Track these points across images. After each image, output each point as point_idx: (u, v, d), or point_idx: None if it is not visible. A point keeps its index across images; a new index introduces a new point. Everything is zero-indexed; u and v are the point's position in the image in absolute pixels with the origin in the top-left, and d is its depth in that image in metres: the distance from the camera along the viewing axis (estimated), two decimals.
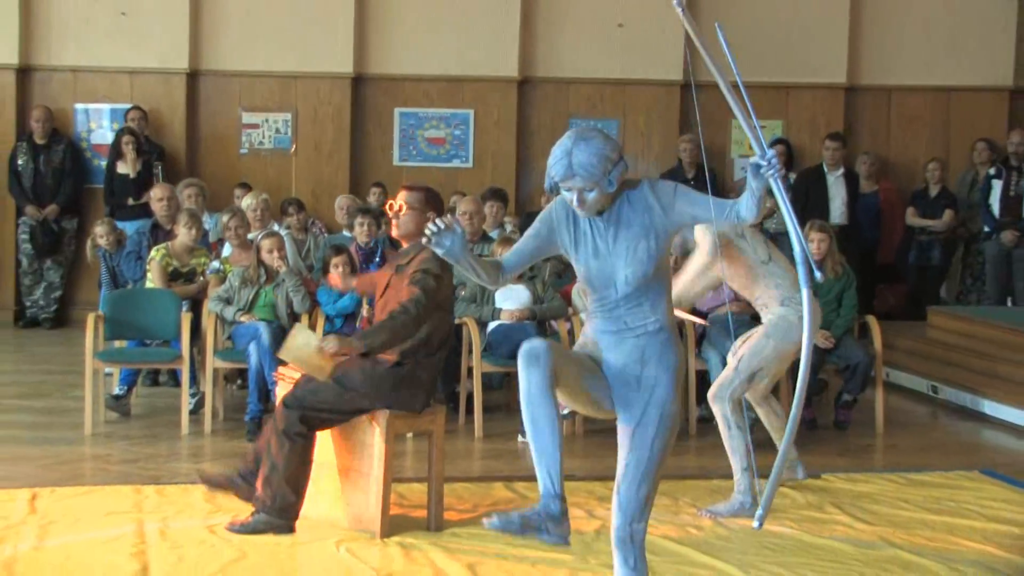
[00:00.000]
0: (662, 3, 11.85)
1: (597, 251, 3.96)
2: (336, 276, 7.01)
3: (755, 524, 4.05)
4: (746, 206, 3.82)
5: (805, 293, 3.98)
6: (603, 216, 3.97)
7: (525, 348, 3.85)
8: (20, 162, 11.86)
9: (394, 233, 5.87)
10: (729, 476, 6.23)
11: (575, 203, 3.93)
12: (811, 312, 3.99)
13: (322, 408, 5.60)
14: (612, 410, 4.06)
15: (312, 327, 7.92)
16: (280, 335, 7.78)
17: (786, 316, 6.24)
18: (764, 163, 3.74)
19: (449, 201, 9.67)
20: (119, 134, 11.80)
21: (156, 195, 9.48)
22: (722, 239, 6.25)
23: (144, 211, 11.35)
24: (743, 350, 6.29)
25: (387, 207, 5.95)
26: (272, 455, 5.58)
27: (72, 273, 12.12)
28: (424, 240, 3.91)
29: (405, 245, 5.83)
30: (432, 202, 5.79)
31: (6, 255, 12.20)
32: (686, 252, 6.72)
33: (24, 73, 12.27)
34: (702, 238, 6.31)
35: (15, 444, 7.30)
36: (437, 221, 3.90)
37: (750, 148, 12.30)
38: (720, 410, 6.19)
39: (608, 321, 4.02)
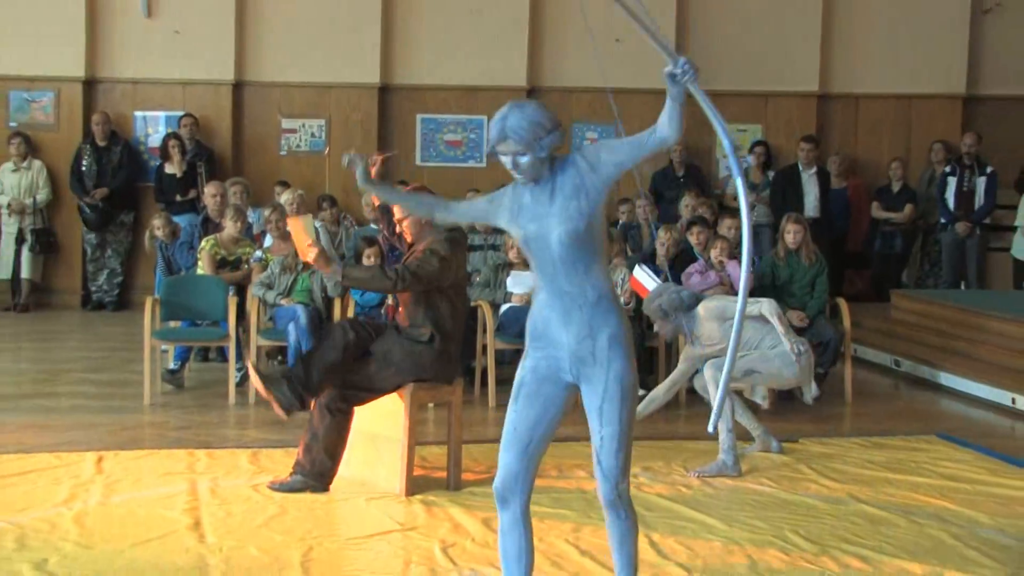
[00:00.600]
0: (654, 21, 11.78)
1: (535, 215, 3.75)
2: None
3: (709, 429, 4.03)
4: (668, 120, 3.54)
5: (740, 183, 3.73)
6: (540, 184, 3.76)
7: (495, 487, 3.80)
8: (85, 163, 11.86)
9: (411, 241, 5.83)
10: (714, 440, 6.22)
11: (511, 167, 3.74)
12: (749, 217, 3.78)
13: (361, 386, 5.59)
14: (576, 393, 3.86)
15: (343, 311, 7.94)
16: (316, 317, 7.80)
17: (789, 354, 6.39)
18: (678, 71, 3.43)
19: (465, 196, 9.63)
20: (166, 138, 11.80)
21: (210, 191, 9.59)
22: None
23: (190, 206, 11.39)
24: (756, 353, 6.44)
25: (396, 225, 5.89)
26: (314, 425, 5.60)
27: (131, 261, 12.13)
28: (345, 162, 4.11)
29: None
30: None
31: (75, 247, 12.22)
32: (678, 333, 6.74)
33: (90, 85, 12.28)
34: (710, 329, 6.40)
35: (83, 412, 7.33)
36: (352, 155, 4.10)
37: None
38: (712, 376, 6.26)
39: (551, 294, 3.76)
